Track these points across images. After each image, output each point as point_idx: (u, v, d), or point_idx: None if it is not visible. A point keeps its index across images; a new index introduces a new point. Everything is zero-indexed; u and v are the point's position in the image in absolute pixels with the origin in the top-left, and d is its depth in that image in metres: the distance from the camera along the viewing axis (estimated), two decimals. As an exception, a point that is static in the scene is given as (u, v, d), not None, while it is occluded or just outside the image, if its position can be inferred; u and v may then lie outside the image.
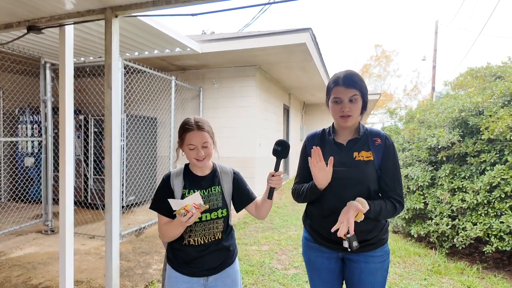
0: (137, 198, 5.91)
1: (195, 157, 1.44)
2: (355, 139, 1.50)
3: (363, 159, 1.45)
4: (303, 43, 4.91)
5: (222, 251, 1.51)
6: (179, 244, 1.48)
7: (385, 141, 1.48)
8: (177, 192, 1.48)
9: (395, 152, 1.49)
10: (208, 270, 1.48)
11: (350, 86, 1.43)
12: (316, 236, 1.55)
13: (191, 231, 1.46)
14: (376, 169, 1.45)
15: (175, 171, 1.54)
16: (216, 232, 1.49)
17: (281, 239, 4.31)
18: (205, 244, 1.47)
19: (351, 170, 1.44)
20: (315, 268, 1.58)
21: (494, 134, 3.42)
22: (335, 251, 1.52)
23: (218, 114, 6.51)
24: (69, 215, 2.39)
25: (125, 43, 4.36)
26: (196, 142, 1.43)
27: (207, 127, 1.48)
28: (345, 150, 1.49)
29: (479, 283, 3.05)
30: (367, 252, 1.47)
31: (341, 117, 1.47)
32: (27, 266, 3.32)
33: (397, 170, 1.48)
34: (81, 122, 5.89)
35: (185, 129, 1.45)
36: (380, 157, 1.46)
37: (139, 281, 3.06)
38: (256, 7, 6.51)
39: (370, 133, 1.52)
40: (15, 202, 6.22)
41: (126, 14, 2.19)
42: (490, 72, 4.82)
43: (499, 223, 3.21)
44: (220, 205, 1.49)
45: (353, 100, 1.43)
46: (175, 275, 1.49)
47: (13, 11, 2.29)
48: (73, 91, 2.47)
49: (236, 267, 1.58)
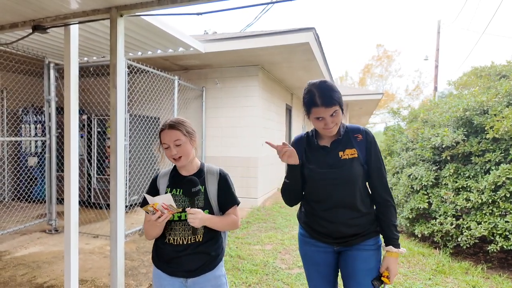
0: (140, 197, 5.92)
1: (171, 156, 1.46)
2: (337, 140, 1.55)
3: (348, 157, 1.51)
4: (306, 43, 4.90)
5: (201, 255, 1.47)
6: (162, 241, 1.50)
7: (366, 136, 1.55)
8: (162, 190, 1.51)
9: (376, 145, 1.56)
10: (186, 272, 1.46)
11: (329, 105, 1.43)
12: (312, 232, 1.62)
13: (172, 230, 1.46)
14: (362, 164, 1.52)
15: (164, 170, 1.58)
16: (197, 234, 1.45)
17: (284, 239, 4.31)
18: (183, 245, 1.45)
19: (339, 170, 1.50)
20: (312, 262, 1.65)
21: (499, 133, 3.40)
22: (330, 245, 1.59)
23: (220, 113, 6.51)
24: (73, 214, 2.40)
25: (128, 43, 4.37)
26: (167, 141, 1.45)
27: (181, 126, 1.47)
28: (330, 151, 1.55)
29: (484, 283, 3.04)
30: (359, 243, 1.55)
31: (325, 129, 1.50)
32: (32, 265, 3.33)
33: (381, 161, 1.56)
34: (84, 122, 5.90)
35: (160, 129, 1.50)
36: (364, 152, 1.53)
37: (144, 280, 3.07)
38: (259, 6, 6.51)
39: (351, 130, 1.58)
40: (19, 201, 6.24)
41: (131, 13, 2.20)
42: (494, 71, 4.80)
43: (504, 223, 3.20)
44: (202, 205, 1.46)
45: (334, 114, 1.46)
46: (157, 272, 1.52)
47: (19, 11, 2.30)
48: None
49: (218, 272, 1.52)
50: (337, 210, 1.53)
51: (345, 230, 1.53)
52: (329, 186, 1.52)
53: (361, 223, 1.54)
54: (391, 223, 1.53)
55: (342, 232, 1.54)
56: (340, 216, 1.52)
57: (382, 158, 1.57)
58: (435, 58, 17.25)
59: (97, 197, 5.80)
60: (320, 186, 1.55)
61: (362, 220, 1.54)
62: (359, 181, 1.52)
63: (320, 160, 1.56)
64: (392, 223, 1.54)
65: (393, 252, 1.52)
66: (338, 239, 1.56)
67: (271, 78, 7.32)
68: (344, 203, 1.52)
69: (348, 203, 1.52)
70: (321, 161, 1.55)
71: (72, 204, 2.38)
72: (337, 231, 1.54)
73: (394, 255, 1.52)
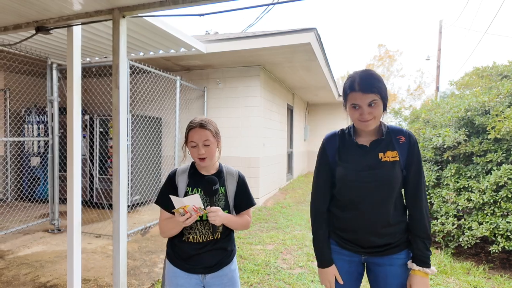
0: (142, 197, 5.95)
1: (197, 156, 1.47)
2: (378, 140, 1.41)
3: (389, 159, 1.38)
4: (307, 43, 4.91)
5: (218, 251, 1.52)
6: (179, 240, 1.51)
7: (409, 139, 1.41)
8: (181, 189, 1.50)
9: (419, 150, 1.43)
10: (205, 268, 1.50)
11: (368, 91, 1.31)
12: (337, 239, 1.49)
13: (191, 229, 1.48)
14: (401, 168, 1.39)
15: (181, 168, 1.56)
16: (216, 232, 1.50)
17: (286, 239, 4.32)
18: (203, 243, 1.49)
19: (378, 172, 1.37)
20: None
21: (501, 134, 3.40)
22: (356, 254, 1.46)
23: (222, 114, 6.52)
24: (76, 214, 2.42)
25: (130, 43, 4.39)
26: (197, 140, 1.45)
27: (211, 127, 1.49)
28: (369, 151, 1.41)
29: (486, 283, 3.04)
30: (391, 255, 1.41)
31: (361, 121, 1.36)
32: (35, 265, 3.35)
33: (422, 169, 1.42)
34: (86, 122, 5.93)
35: (189, 127, 1.49)
36: (405, 156, 1.40)
37: (146, 279, 3.08)
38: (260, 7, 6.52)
39: (393, 132, 1.43)
40: (22, 201, 6.28)
41: (134, 14, 2.21)
42: (496, 71, 4.79)
43: (505, 223, 3.19)
44: (223, 205, 1.50)
45: (372, 104, 1.33)
46: (173, 270, 1.52)
47: (22, 12, 2.32)
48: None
49: (234, 266, 1.59)
50: (369, 216, 1.39)
51: (376, 239, 1.40)
52: (364, 189, 1.39)
53: (393, 232, 1.40)
54: (420, 238, 1.38)
55: (372, 241, 1.41)
56: (372, 224, 1.39)
57: (422, 166, 1.42)
58: (437, 58, 17.20)
59: (100, 197, 5.83)
60: (353, 189, 1.41)
61: (394, 229, 1.40)
62: (396, 187, 1.38)
63: (357, 160, 1.42)
64: (421, 238, 1.38)
65: (415, 270, 1.36)
66: (367, 249, 1.42)
67: (273, 78, 7.33)
68: (378, 209, 1.38)
69: (382, 210, 1.38)
70: (358, 161, 1.41)
71: (75, 204, 2.39)
72: (367, 239, 1.41)
73: (418, 273, 1.35)
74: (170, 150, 6.61)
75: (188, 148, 1.51)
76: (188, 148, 1.51)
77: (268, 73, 6.90)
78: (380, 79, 1.37)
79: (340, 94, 11.32)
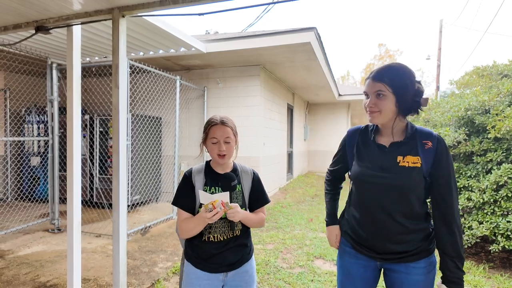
0: (142, 197, 5.95)
1: (217, 152, 1.46)
2: (399, 142, 1.33)
3: (408, 165, 1.28)
4: (307, 43, 4.91)
5: (240, 247, 1.53)
6: (199, 240, 1.49)
7: (437, 145, 1.28)
8: (198, 188, 1.49)
9: (448, 157, 1.28)
10: (227, 266, 1.50)
11: (376, 80, 1.30)
12: (353, 243, 1.45)
13: (211, 228, 1.48)
14: (424, 176, 1.28)
15: (196, 167, 1.55)
16: (236, 230, 1.51)
17: (286, 238, 4.32)
18: (225, 241, 1.49)
19: (392, 177, 1.29)
20: (348, 274, 1.48)
21: (501, 133, 3.40)
22: (373, 260, 1.40)
23: (222, 113, 6.49)
24: (76, 213, 2.42)
25: (130, 43, 4.39)
26: (219, 136, 1.46)
27: (231, 124, 1.52)
28: (387, 153, 1.33)
29: (486, 283, 3.04)
30: (409, 263, 1.33)
31: (367, 112, 1.34)
32: (35, 264, 3.36)
33: (452, 178, 1.28)
34: (86, 121, 5.93)
35: (210, 123, 1.49)
36: (431, 163, 1.28)
37: (146, 279, 3.09)
38: (260, 6, 6.51)
39: (420, 135, 1.32)
40: (22, 201, 6.28)
41: (133, 14, 2.21)
42: (496, 70, 4.78)
43: (506, 222, 3.19)
44: (241, 203, 1.51)
45: (380, 95, 1.29)
46: (194, 271, 1.49)
47: (22, 12, 2.32)
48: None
49: (253, 263, 1.61)
50: (384, 221, 1.32)
51: (392, 246, 1.33)
52: (378, 192, 1.32)
53: (411, 240, 1.32)
54: (448, 257, 1.26)
55: (388, 247, 1.34)
56: (387, 229, 1.32)
57: (453, 176, 1.29)
58: (437, 57, 17.20)
59: (100, 197, 5.83)
60: (367, 190, 1.36)
61: (412, 237, 1.32)
62: (414, 194, 1.29)
63: (373, 160, 1.36)
64: (450, 257, 1.26)
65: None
66: (383, 255, 1.36)
67: (273, 78, 7.33)
68: (393, 215, 1.30)
69: (395, 215, 1.30)
70: (374, 161, 1.35)
71: (74, 203, 2.40)
72: (382, 245, 1.35)
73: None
74: (170, 149, 6.61)
75: (207, 145, 1.51)
76: (208, 144, 1.50)
77: (268, 72, 6.90)
78: (402, 74, 1.29)
79: (340, 93, 11.31)
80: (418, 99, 1.30)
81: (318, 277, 3.13)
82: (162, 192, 6.70)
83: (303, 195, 7.60)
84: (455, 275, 1.25)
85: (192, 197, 1.49)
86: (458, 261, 1.25)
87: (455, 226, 1.27)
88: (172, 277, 3.15)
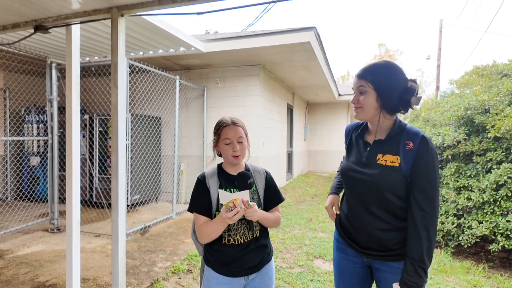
0: (141, 197, 5.95)
1: (232, 154, 1.45)
2: (381, 141, 1.35)
3: (385, 163, 1.29)
4: (307, 42, 4.90)
5: (261, 249, 1.50)
6: (219, 244, 1.46)
7: (418, 146, 1.25)
8: (213, 191, 1.46)
9: (429, 160, 1.24)
10: (249, 268, 1.46)
11: (358, 77, 1.35)
12: (343, 235, 1.50)
13: (230, 230, 1.44)
14: (404, 176, 1.26)
15: (209, 171, 1.53)
16: (255, 230, 1.48)
17: (286, 238, 4.31)
18: (245, 243, 1.46)
19: (370, 173, 1.32)
20: (340, 269, 1.53)
21: (501, 132, 3.40)
22: (359, 255, 1.43)
23: (222, 113, 6.51)
24: (75, 213, 2.42)
25: (130, 43, 4.38)
26: (232, 136, 1.44)
27: (242, 124, 1.51)
28: (369, 150, 1.37)
29: (486, 282, 3.03)
30: (392, 263, 1.33)
31: (353, 107, 1.39)
32: (34, 264, 3.35)
33: (429, 182, 1.24)
34: (86, 121, 5.93)
35: (221, 125, 1.47)
36: (410, 164, 1.26)
37: (145, 279, 3.08)
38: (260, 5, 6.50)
39: (406, 134, 1.30)
40: (21, 200, 6.28)
41: (132, 13, 2.21)
42: (496, 70, 4.78)
43: (505, 222, 3.19)
44: (257, 203, 1.49)
45: (362, 92, 1.33)
46: (215, 276, 1.45)
47: (21, 11, 2.32)
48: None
49: (273, 264, 1.59)
50: (364, 216, 1.36)
51: (373, 241, 1.35)
52: (359, 188, 1.37)
53: (393, 238, 1.31)
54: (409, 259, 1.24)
55: (370, 242, 1.36)
56: (366, 224, 1.35)
57: (434, 180, 1.25)
58: (437, 57, 17.20)
59: (99, 197, 5.83)
60: (350, 185, 1.42)
61: (393, 235, 1.31)
62: (390, 192, 1.29)
63: (358, 156, 1.42)
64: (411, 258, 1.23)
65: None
66: (367, 250, 1.38)
67: (272, 77, 7.33)
68: (372, 210, 1.33)
69: (377, 212, 1.33)
70: (358, 157, 1.41)
71: (74, 203, 2.39)
72: (364, 240, 1.38)
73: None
74: (169, 149, 6.61)
75: (220, 146, 1.48)
76: (220, 146, 1.47)
77: (268, 72, 6.90)
78: (387, 72, 1.30)
79: (340, 93, 11.30)
80: (407, 97, 1.29)
81: (317, 277, 3.12)
82: (162, 192, 6.70)
83: (302, 195, 7.60)
84: (411, 278, 1.21)
85: (208, 200, 1.45)
86: (418, 265, 1.21)
87: (423, 230, 1.22)
88: (171, 277, 3.15)
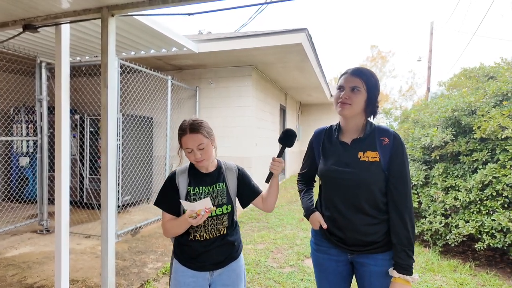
0: (132, 198, 5.91)
1: (194, 160, 1.48)
2: (359, 139, 1.43)
3: (368, 159, 1.39)
4: (299, 43, 4.94)
5: (227, 246, 1.54)
6: (185, 239, 1.51)
7: (393, 141, 1.39)
8: (182, 189, 1.50)
9: (403, 153, 1.39)
10: (214, 264, 1.51)
11: (354, 75, 1.40)
12: (325, 237, 1.52)
13: (197, 227, 1.49)
14: (383, 170, 1.38)
15: (180, 168, 1.56)
16: (221, 228, 1.52)
17: (277, 238, 4.34)
18: (211, 240, 1.50)
19: (355, 171, 1.39)
20: (322, 270, 1.55)
21: (486, 133, 3.47)
22: (343, 253, 1.47)
23: (214, 114, 6.52)
24: (64, 214, 2.40)
25: (121, 43, 4.36)
26: (191, 145, 1.45)
27: (202, 129, 1.46)
28: (349, 149, 1.44)
29: (472, 280, 3.10)
30: (376, 255, 1.41)
31: (338, 103, 1.43)
32: (22, 266, 3.31)
33: (404, 172, 1.38)
34: (76, 121, 5.87)
35: (180, 134, 1.48)
36: (388, 158, 1.38)
37: (135, 279, 3.07)
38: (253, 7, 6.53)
39: (378, 132, 1.43)
40: (10, 202, 6.17)
41: (123, 13, 2.20)
42: (483, 72, 4.88)
43: (490, 221, 3.26)
44: (225, 201, 1.52)
45: (355, 90, 1.39)
46: (181, 269, 1.52)
47: (9, 10, 2.29)
48: (69, 91, 2.47)
49: (241, 261, 1.62)
50: (352, 214, 1.41)
51: (361, 237, 1.41)
52: (345, 187, 1.41)
53: (379, 231, 1.40)
54: (400, 246, 1.34)
55: (357, 239, 1.42)
56: (355, 221, 1.41)
57: (407, 169, 1.40)
58: (428, 59, 17.43)
59: (90, 197, 5.77)
60: (334, 186, 1.46)
61: (379, 228, 1.40)
62: (376, 187, 1.38)
63: (337, 157, 1.45)
64: (401, 244, 1.34)
65: (396, 277, 1.33)
66: (353, 247, 1.43)
67: (265, 78, 7.35)
68: (359, 207, 1.40)
69: (365, 208, 1.39)
70: (338, 158, 1.45)
71: (63, 204, 2.38)
72: (352, 237, 1.42)
73: (399, 280, 1.32)
74: (161, 150, 6.57)
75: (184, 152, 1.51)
76: (184, 152, 1.50)
77: (261, 73, 6.92)
78: (373, 75, 1.43)
79: (332, 94, 11.40)
80: (378, 106, 1.46)
81: (308, 276, 3.15)
82: (153, 192, 6.66)
83: (295, 195, 7.64)
84: (405, 262, 1.33)
85: (175, 199, 1.50)
86: (409, 248, 1.34)
87: (407, 215, 1.36)
88: (162, 278, 3.14)
